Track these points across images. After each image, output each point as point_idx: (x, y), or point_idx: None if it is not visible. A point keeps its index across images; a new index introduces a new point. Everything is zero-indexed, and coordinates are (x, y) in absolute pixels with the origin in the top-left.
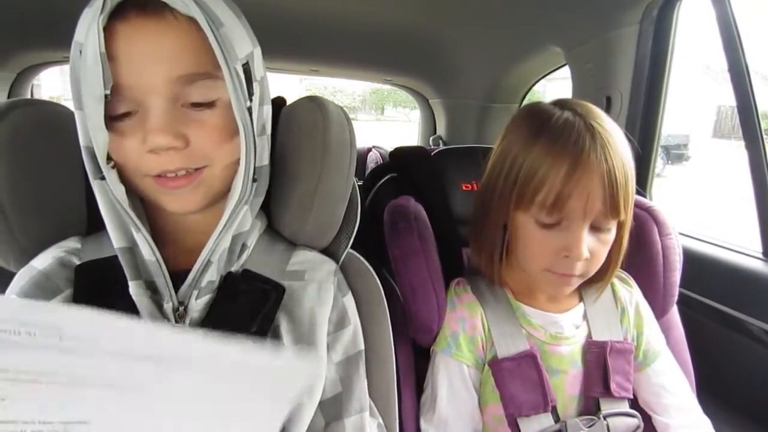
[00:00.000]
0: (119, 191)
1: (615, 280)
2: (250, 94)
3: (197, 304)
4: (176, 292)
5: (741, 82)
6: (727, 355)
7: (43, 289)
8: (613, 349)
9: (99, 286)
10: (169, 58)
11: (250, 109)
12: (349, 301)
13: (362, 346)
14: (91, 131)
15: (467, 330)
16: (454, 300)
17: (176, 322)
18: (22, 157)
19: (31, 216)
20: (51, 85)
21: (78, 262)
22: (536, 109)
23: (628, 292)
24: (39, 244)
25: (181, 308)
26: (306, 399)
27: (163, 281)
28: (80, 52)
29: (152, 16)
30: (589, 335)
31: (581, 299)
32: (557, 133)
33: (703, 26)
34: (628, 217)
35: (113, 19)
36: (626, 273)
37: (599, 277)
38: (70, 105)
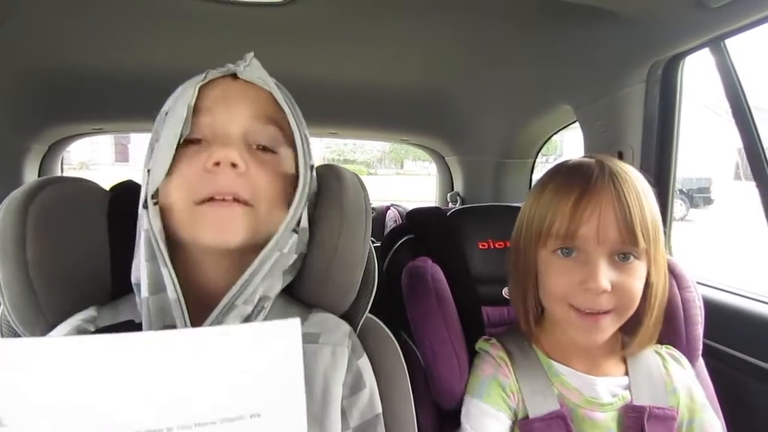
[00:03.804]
0: (156, 223)
1: (667, 357)
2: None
3: None
4: None
5: (746, 125)
6: (761, 409)
7: None
8: (651, 414)
9: None
10: (248, 99)
11: (311, 168)
12: (365, 364)
13: (379, 410)
14: (159, 165)
15: (500, 376)
16: (487, 349)
17: None
18: (51, 235)
19: (58, 291)
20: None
21: (93, 329)
22: (560, 163)
23: (682, 373)
24: (65, 317)
25: None
26: None
27: (182, 321)
28: (165, 114)
29: (238, 81)
30: (630, 401)
31: (626, 372)
32: (569, 170)
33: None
34: (652, 248)
35: (206, 86)
36: (679, 353)
37: (636, 329)
38: (97, 169)
